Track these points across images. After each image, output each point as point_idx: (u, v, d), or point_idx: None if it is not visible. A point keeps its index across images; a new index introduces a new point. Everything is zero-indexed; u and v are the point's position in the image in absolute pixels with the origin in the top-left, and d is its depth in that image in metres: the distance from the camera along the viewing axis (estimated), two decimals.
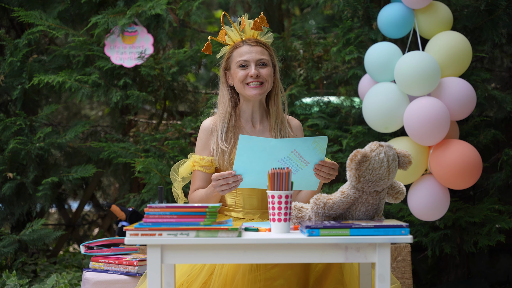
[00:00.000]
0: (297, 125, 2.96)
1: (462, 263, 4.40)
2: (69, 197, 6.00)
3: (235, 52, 2.86)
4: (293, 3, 5.23)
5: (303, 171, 2.55)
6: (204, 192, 2.76)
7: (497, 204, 4.07)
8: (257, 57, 2.83)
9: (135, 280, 3.05)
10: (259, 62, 2.83)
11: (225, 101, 2.88)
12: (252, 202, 2.83)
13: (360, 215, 2.32)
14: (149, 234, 2.16)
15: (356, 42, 4.24)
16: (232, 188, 2.57)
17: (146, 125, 5.13)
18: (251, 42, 2.85)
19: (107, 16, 4.44)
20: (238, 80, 2.83)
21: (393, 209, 4.11)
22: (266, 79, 2.82)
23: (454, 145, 3.68)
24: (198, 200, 2.78)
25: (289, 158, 2.50)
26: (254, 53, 2.83)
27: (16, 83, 4.51)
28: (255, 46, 2.84)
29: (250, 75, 2.80)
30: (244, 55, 2.83)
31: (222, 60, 2.93)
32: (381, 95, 3.75)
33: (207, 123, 2.89)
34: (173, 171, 2.86)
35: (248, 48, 2.84)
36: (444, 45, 3.74)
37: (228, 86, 2.90)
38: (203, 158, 2.84)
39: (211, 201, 2.74)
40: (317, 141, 2.47)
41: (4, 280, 4.05)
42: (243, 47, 2.85)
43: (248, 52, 2.83)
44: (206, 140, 2.86)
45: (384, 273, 2.16)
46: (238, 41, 2.88)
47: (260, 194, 2.83)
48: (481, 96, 4.06)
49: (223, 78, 2.91)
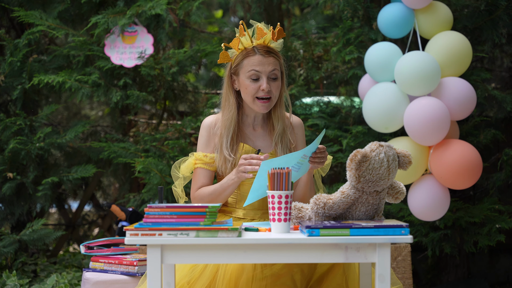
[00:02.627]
0: (298, 124, 2.93)
1: (462, 263, 4.40)
2: (69, 197, 6.00)
3: (246, 60, 2.76)
4: (293, 3, 5.23)
5: (304, 165, 2.58)
6: (220, 185, 2.71)
7: (497, 204, 4.07)
8: (269, 69, 2.75)
9: (135, 280, 3.05)
10: (271, 75, 2.76)
11: (231, 107, 2.81)
12: (253, 202, 2.82)
13: (360, 215, 2.32)
14: (149, 234, 2.16)
15: (356, 42, 4.24)
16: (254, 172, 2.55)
17: (146, 125, 5.13)
18: (263, 52, 2.76)
19: (107, 16, 4.44)
20: (248, 93, 2.75)
21: (393, 209, 4.11)
22: (275, 94, 2.77)
23: (454, 145, 3.68)
24: (208, 194, 2.73)
25: (299, 162, 2.52)
26: (267, 65, 2.75)
27: (16, 83, 4.51)
28: (267, 57, 2.76)
29: (262, 89, 2.73)
30: (256, 66, 2.74)
31: (229, 63, 2.84)
32: (381, 95, 3.75)
33: (209, 120, 2.85)
34: (174, 169, 2.82)
35: (260, 59, 2.75)
36: (444, 45, 3.74)
37: (234, 91, 2.83)
38: (207, 155, 2.80)
39: (226, 193, 2.71)
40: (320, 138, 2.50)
41: (4, 280, 4.05)
42: (255, 57, 2.75)
43: (261, 63, 2.74)
44: (208, 137, 2.83)
45: (384, 273, 2.15)
46: (249, 46, 2.79)
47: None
48: (481, 96, 4.06)
49: (228, 82, 2.83)
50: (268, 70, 2.74)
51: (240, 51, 2.79)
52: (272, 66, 2.75)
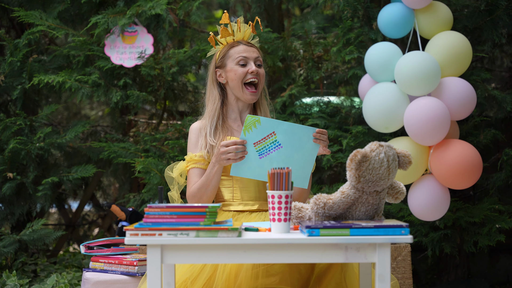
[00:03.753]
0: None
1: (462, 263, 4.40)
2: (69, 197, 6.00)
3: (232, 50, 2.96)
4: (293, 3, 5.23)
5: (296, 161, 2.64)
6: (204, 176, 2.80)
7: (497, 204, 4.07)
8: (255, 56, 2.96)
9: (135, 280, 3.05)
10: (257, 61, 2.97)
11: (215, 99, 2.97)
12: (250, 194, 2.89)
13: (360, 215, 2.32)
14: (149, 234, 2.16)
15: (356, 42, 4.24)
16: (237, 160, 2.64)
17: (146, 125, 5.13)
18: (246, 43, 2.99)
19: (107, 16, 4.44)
20: (237, 77, 2.92)
21: (393, 209, 4.11)
22: (261, 79, 2.96)
23: (454, 145, 3.68)
24: (198, 189, 2.81)
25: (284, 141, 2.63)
26: (252, 52, 2.96)
27: (16, 83, 4.51)
28: (250, 46, 2.98)
29: (250, 71, 2.91)
30: (243, 52, 2.94)
31: (213, 59, 3.03)
32: (381, 95, 3.75)
33: (196, 125, 2.98)
34: (167, 171, 2.93)
35: (245, 47, 2.96)
36: (444, 45, 3.73)
37: (218, 85, 2.99)
38: (196, 154, 2.89)
39: (212, 183, 2.78)
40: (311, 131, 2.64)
41: (4, 280, 4.05)
42: (240, 46, 2.96)
43: (247, 50, 2.95)
44: (196, 139, 2.94)
45: (384, 273, 2.15)
46: (230, 42, 2.99)
47: (256, 185, 2.89)
48: (481, 96, 4.06)
49: (213, 76, 3.00)
50: (254, 56, 2.95)
51: (223, 46, 3.00)
52: (256, 54, 2.97)
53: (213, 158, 2.74)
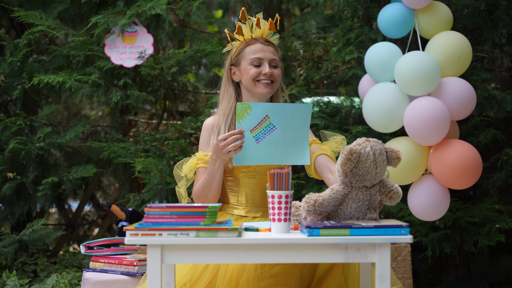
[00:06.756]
0: None
1: (462, 263, 4.40)
2: (69, 197, 6.00)
3: (248, 48, 2.87)
4: (293, 3, 5.23)
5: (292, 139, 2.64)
6: (207, 173, 2.76)
7: (497, 204, 4.07)
8: (270, 57, 2.86)
9: (135, 280, 3.05)
10: (272, 62, 2.87)
11: (230, 97, 2.90)
12: (255, 200, 2.85)
13: (351, 211, 2.32)
14: (149, 234, 2.16)
15: (356, 42, 4.24)
16: (237, 151, 2.60)
17: (146, 125, 5.13)
18: (263, 41, 2.88)
19: (107, 16, 4.44)
20: (249, 77, 2.84)
21: (393, 209, 4.11)
22: (277, 79, 2.86)
23: (454, 145, 3.68)
24: (202, 187, 2.77)
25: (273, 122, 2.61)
26: (268, 52, 2.86)
27: (16, 83, 4.51)
28: (268, 45, 2.87)
29: (264, 73, 2.83)
30: (258, 52, 2.85)
31: (229, 55, 2.93)
32: (381, 95, 3.75)
33: (210, 121, 2.90)
34: (176, 168, 2.87)
35: (261, 46, 2.86)
36: (444, 45, 3.73)
37: (233, 82, 2.92)
38: (207, 154, 2.84)
39: (216, 180, 2.75)
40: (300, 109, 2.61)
41: (4, 280, 4.05)
42: (256, 45, 2.87)
43: (262, 50, 2.86)
44: (208, 137, 2.88)
45: (384, 273, 2.15)
46: (249, 38, 2.89)
47: (262, 192, 2.85)
48: (481, 96, 4.06)
49: (228, 73, 2.92)
50: (270, 57, 2.85)
51: (240, 43, 2.89)
52: (273, 54, 2.87)
53: (213, 155, 2.70)
